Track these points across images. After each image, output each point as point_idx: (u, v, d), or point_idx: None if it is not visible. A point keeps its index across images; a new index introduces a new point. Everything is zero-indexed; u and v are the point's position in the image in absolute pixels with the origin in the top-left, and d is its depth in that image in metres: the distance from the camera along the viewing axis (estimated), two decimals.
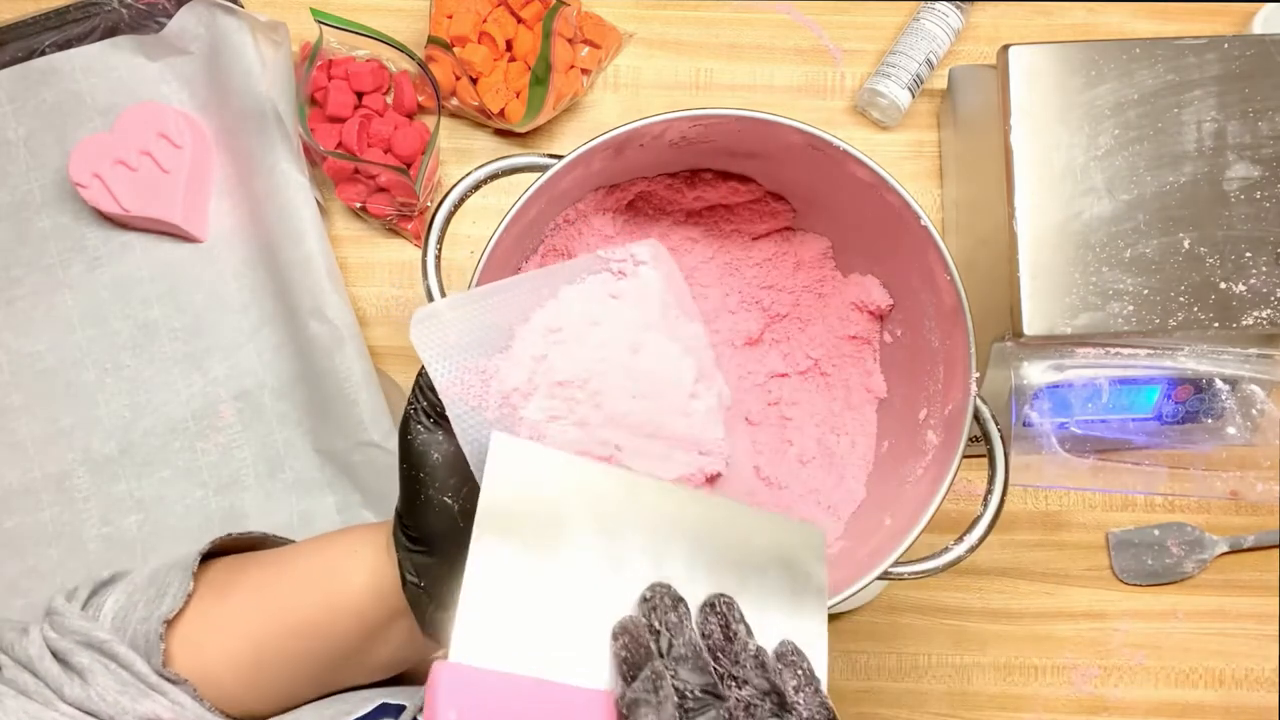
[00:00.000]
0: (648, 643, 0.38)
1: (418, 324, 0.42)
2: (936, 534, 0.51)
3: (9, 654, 0.44)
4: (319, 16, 0.70)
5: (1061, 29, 0.78)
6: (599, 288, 0.45)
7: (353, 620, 0.46)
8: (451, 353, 0.42)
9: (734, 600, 0.40)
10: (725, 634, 0.39)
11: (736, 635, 0.39)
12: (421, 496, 0.43)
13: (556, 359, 0.43)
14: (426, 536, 0.43)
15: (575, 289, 0.45)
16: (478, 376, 0.42)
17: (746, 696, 0.37)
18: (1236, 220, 0.60)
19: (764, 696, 0.37)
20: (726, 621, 0.39)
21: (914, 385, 0.57)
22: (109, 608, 0.46)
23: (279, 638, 0.46)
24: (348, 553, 0.48)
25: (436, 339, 0.42)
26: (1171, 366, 0.62)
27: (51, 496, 0.70)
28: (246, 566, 0.49)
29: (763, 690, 0.37)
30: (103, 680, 0.42)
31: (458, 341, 0.42)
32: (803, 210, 0.61)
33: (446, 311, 0.42)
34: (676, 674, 0.37)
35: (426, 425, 0.43)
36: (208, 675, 0.45)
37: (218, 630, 0.46)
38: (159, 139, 0.69)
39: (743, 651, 0.38)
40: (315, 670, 0.47)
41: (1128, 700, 0.73)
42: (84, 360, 0.71)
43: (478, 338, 0.43)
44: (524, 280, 0.44)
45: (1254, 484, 0.64)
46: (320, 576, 0.47)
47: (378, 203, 0.73)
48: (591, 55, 0.75)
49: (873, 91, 0.75)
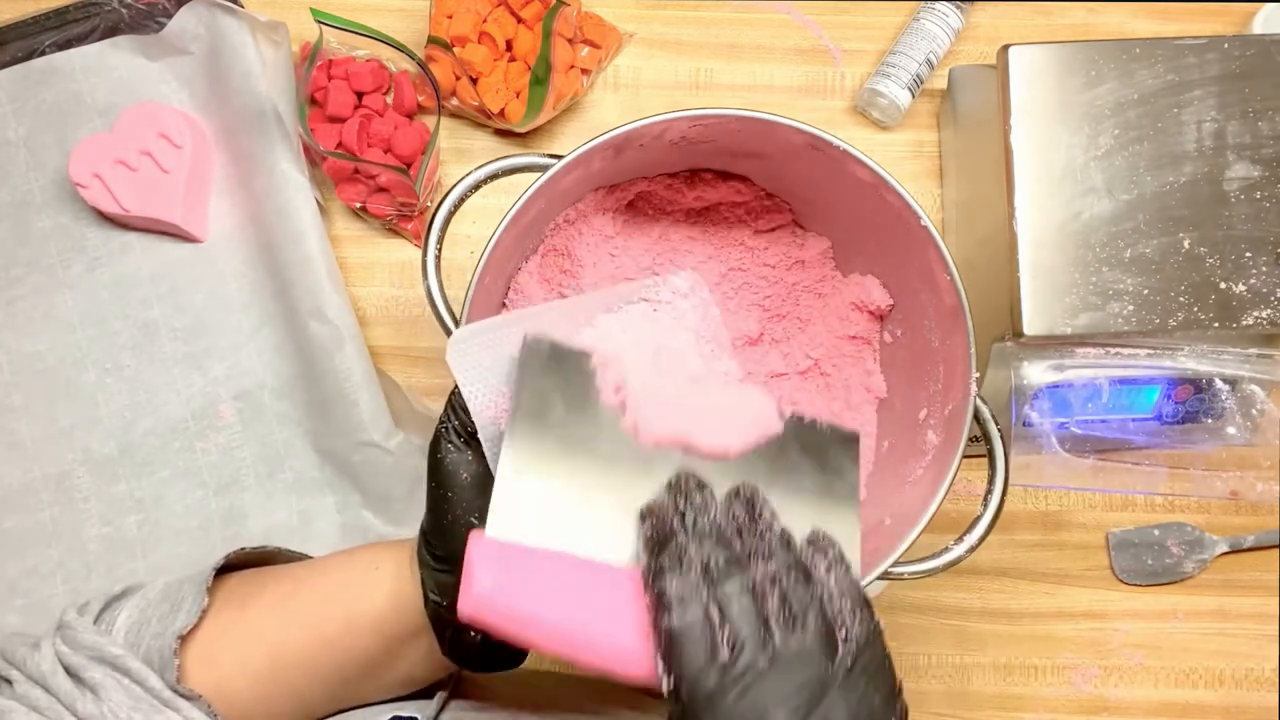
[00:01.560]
0: (672, 519, 0.38)
1: (455, 345, 0.42)
2: (936, 534, 0.51)
3: (21, 669, 0.44)
4: (319, 16, 0.70)
5: (1061, 29, 0.78)
6: (636, 317, 0.46)
7: (371, 636, 0.46)
8: (486, 375, 0.43)
9: (758, 488, 0.41)
10: (750, 515, 0.39)
11: (761, 515, 0.39)
12: (449, 516, 0.43)
13: None
14: (451, 556, 0.43)
15: (612, 318, 0.46)
16: (511, 400, 0.42)
17: (772, 570, 0.37)
18: (1236, 220, 0.60)
19: (789, 569, 0.37)
20: (752, 505, 0.40)
21: (914, 385, 0.57)
22: (122, 622, 0.46)
23: (296, 653, 0.46)
24: (369, 569, 0.48)
25: (472, 361, 0.43)
26: (1171, 366, 0.62)
27: (51, 496, 0.70)
28: (263, 581, 0.49)
29: (788, 564, 0.37)
30: (116, 696, 0.42)
31: (493, 365, 0.43)
32: (803, 210, 0.61)
33: (484, 334, 0.43)
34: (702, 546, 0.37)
35: (456, 445, 0.43)
36: (223, 691, 0.45)
37: (233, 645, 0.46)
38: (159, 139, 0.69)
39: (768, 530, 0.38)
40: (331, 686, 0.47)
41: (1128, 700, 0.73)
42: (84, 360, 0.71)
43: (513, 361, 0.43)
44: (562, 306, 0.45)
45: (1254, 484, 0.64)
46: (340, 591, 0.47)
47: (378, 203, 0.73)
48: (591, 55, 0.75)
49: (873, 91, 0.75)
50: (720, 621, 0.35)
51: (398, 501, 0.70)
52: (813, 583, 0.37)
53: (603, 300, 0.46)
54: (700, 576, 0.36)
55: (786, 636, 0.35)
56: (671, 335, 0.46)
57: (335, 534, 0.71)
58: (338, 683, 0.47)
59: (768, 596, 0.36)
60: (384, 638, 0.46)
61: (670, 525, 0.38)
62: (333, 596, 0.47)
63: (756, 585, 0.36)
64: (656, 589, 0.36)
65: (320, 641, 0.46)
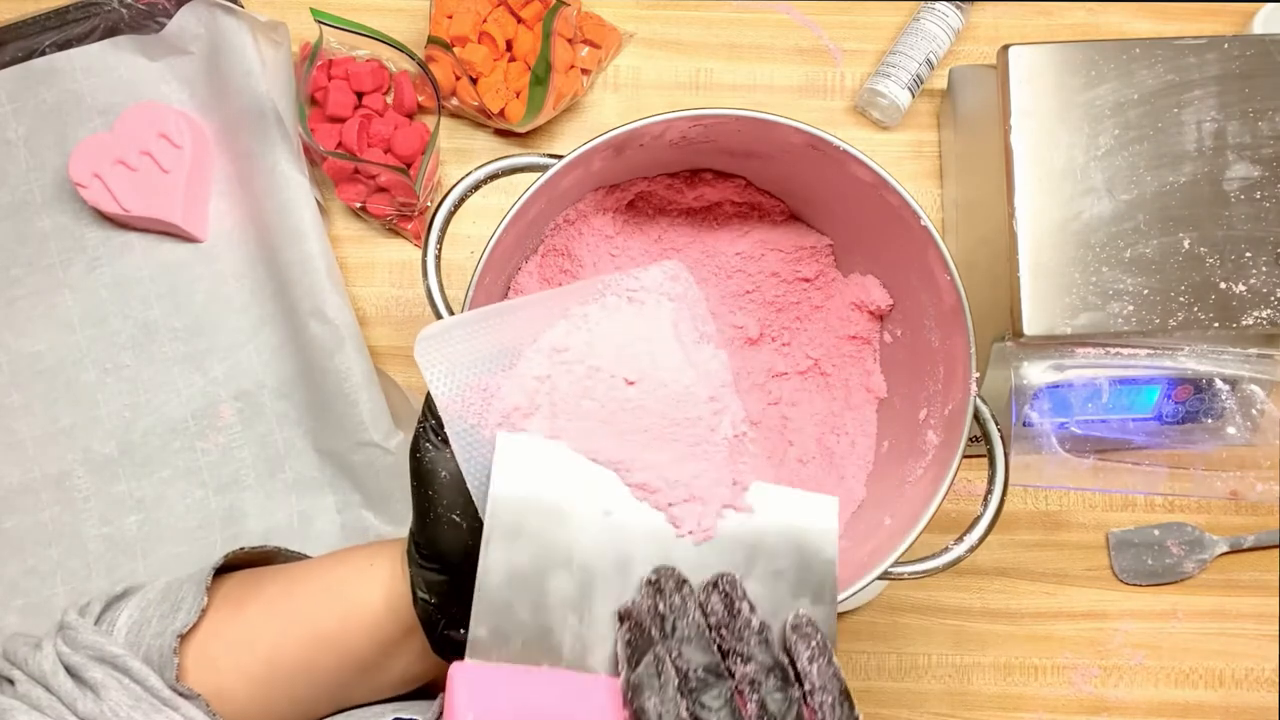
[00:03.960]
0: (650, 626, 0.38)
1: (422, 341, 0.42)
2: (936, 534, 0.51)
3: (22, 668, 0.44)
4: (319, 16, 0.70)
5: (1061, 29, 0.78)
6: (611, 310, 0.45)
7: (367, 635, 0.46)
8: (455, 370, 0.42)
9: (737, 578, 0.40)
10: (729, 611, 0.39)
11: (740, 613, 0.39)
12: (431, 514, 0.43)
13: (561, 380, 0.43)
14: (437, 554, 0.43)
15: (586, 309, 0.45)
16: (479, 395, 0.42)
17: (750, 673, 0.37)
18: (1236, 220, 0.60)
19: (768, 672, 0.37)
20: (730, 599, 0.40)
21: (914, 385, 0.57)
22: (122, 622, 0.46)
23: (294, 652, 0.46)
24: (364, 567, 0.48)
25: (441, 355, 0.42)
26: (1171, 366, 0.62)
27: (51, 496, 0.70)
28: (261, 581, 0.49)
29: (766, 666, 0.37)
30: (116, 695, 0.42)
31: (462, 359, 0.42)
32: (803, 210, 0.61)
33: (453, 329, 0.43)
34: (680, 654, 0.37)
35: (435, 443, 0.43)
36: (222, 690, 0.45)
37: (232, 645, 0.46)
38: (159, 139, 0.69)
39: (745, 628, 0.38)
40: (329, 686, 0.47)
41: (1128, 700, 0.73)
42: (84, 360, 0.71)
43: (482, 356, 0.43)
44: (535, 300, 0.45)
45: (1254, 484, 0.64)
46: (336, 591, 0.47)
47: (378, 203, 0.73)
48: (591, 55, 0.75)
49: (873, 91, 0.75)
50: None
51: (398, 501, 0.70)
52: (790, 685, 0.37)
53: (577, 294, 0.45)
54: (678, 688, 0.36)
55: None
56: (649, 325, 0.46)
57: (335, 534, 0.71)
58: (335, 681, 0.47)
59: (747, 703, 0.36)
60: (380, 636, 0.47)
61: (648, 631, 0.38)
62: (329, 595, 0.47)
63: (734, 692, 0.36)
64: (635, 706, 0.36)
65: (317, 640, 0.46)
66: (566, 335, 0.44)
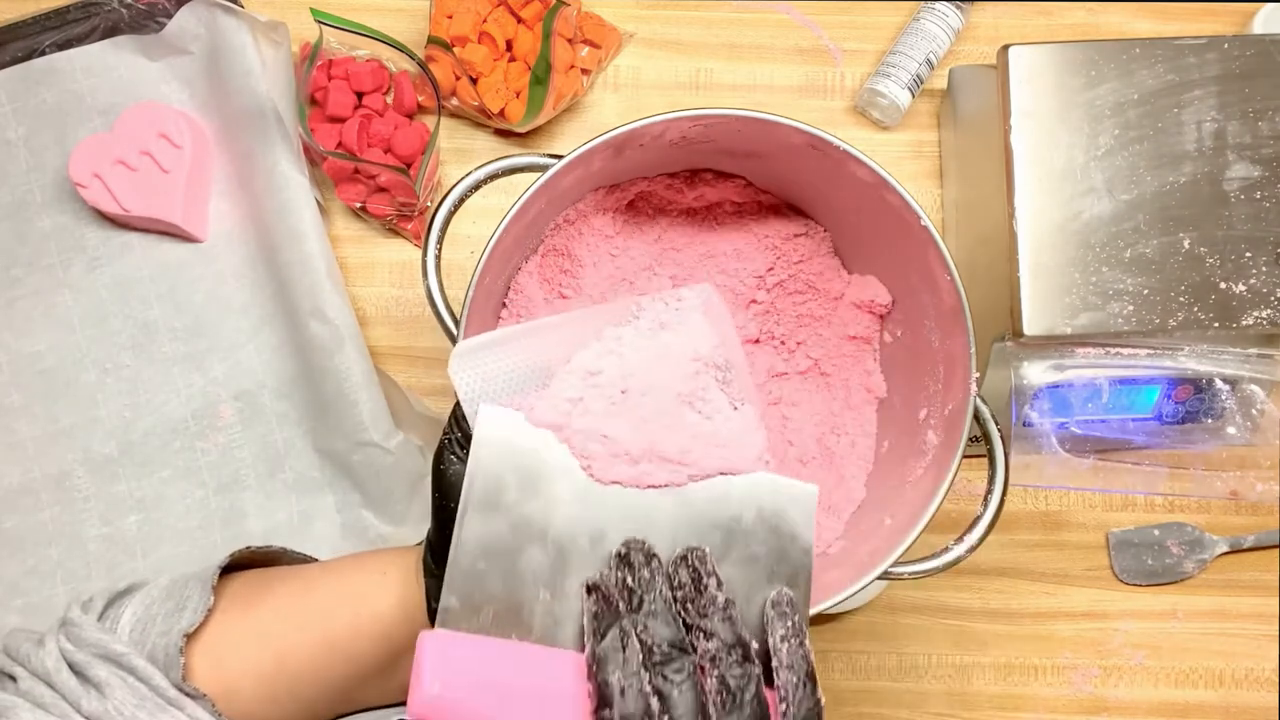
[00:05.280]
0: (616, 600, 0.39)
1: (457, 358, 0.42)
2: (936, 534, 0.51)
3: (25, 665, 0.44)
4: (319, 16, 0.70)
5: (1061, 29, 0.78)
6: (645, 333, 0.45)
7: (378, 642, 0.47)
8: (487, 387, 0.43)
9: (706, 552, 0.41)
10: (696, 586, 0.39)
11: (706, 589, 0.39)
12: (451, 527, 0.43)
13: (593, 403, 0.43)
14: None
15: (619, 331, 0.45)
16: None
17: (712, 649, 0.37)
18: (1236, 220, 0.60)
19: (729, 649, 0.37)
20: (699, 574, 0.40)
21: (914, 385, 0.57)
22: (126, 619, 0.46)
23: (303, 656, 0.46)
24: (377, 575, 0.48)
25: (474, 374, 0.43)
26: (1171, 366, 0.62)
27: (51, 496, 0.70)
28: (270, 583, 0.49)
29: (728, 643, 0.38)
30: (120, 694, 0.42)
31: (495, 377, 0.43)
32: (803, 210, 0.61)
33: (487, 346, 0.43)
34: (645, 628, 0.38)
35: (459, 456, 0.43)
36: (228, 690, 0.45)
37: (240, 645, 0.46)
38: (159, 139, 0.69)
39: (710, 605, 0.39)
40: (337, 690, 0.47)
41: (1128, 700, 0.73)
42: (84, 360, 0.71)
43: (516, 375, 0.43)
44: (569, 319, 0.45)
45: (1254, 484, 0.64)
46: (349, 597, 0.47)
47: (378, 203, 0.73)
48: (591, 55, 0.75)
49: (873, 91, 0.75)
50: (660, 711, 0.36)
51: (397, 501, 0.70)
52: (750, 662, 0.37)
53: (610, 314, 0.46)
54: (642, 661, 0.36)
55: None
56: (681, 351, 0.46)
57: (335, 534, 0.71)
58: (344, 686, 0.47)
59: (707, 678, 0.36)
60: (390, 644, 0.47)
61: (615, 604, 0.38)
62: (341, 601, 0.47)
63: (697, 666, 0.37)
64: (599, 679, 0.36)
65: (327, 645, 0.46)
66: (599, 358, 0.44)
